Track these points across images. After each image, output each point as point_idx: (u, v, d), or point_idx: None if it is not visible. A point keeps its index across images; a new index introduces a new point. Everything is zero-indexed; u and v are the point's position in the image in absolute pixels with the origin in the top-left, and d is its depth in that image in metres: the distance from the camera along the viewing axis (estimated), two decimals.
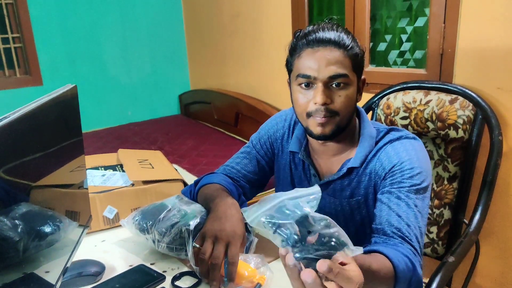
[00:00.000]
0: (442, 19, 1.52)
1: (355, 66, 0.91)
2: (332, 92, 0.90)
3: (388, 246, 0.81)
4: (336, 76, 0.89)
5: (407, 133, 0.97)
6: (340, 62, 0.89)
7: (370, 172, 0.96)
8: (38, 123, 0.66)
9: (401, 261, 0.76)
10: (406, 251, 0.80)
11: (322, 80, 0.89)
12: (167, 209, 1.00)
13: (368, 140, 0.97)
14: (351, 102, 0.92)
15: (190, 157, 2.40)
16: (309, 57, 0.90)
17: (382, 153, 0.94)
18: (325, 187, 1.02)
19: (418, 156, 0.91)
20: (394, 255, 0.76)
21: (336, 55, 0.89)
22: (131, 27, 3.19)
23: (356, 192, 0.99)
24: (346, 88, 0.91)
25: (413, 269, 0.77)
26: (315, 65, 0.89)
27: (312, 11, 2.19)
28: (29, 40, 2.80)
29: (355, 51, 0.91)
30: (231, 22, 2.79)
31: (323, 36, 0.90)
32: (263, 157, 1.15)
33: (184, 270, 0.94)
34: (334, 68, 0.88)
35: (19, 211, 0.62)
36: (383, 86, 1.59)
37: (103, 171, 1.31)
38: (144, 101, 3.35)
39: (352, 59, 0.90)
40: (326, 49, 0.89)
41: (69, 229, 0.82)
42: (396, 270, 0.74)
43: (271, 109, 2.47)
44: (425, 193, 0.89)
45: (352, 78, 0.91)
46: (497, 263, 1.52)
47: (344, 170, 0.98)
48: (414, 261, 0.79)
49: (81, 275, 0.90)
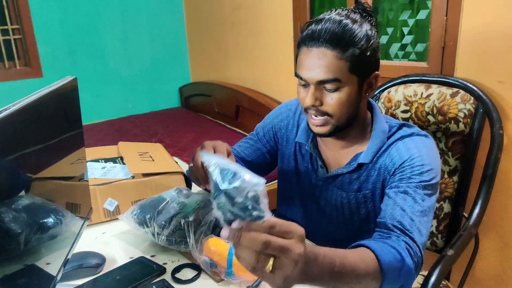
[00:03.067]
0: (444, 12, 1.51)
1: (354, 68, 0.86)
2: (323, 94, 0.89)
3: (378, 240, 0.79)
4: (325, 81, 0.87)
5: (419, 130, 0.96)
6: (331, 66, 0.85)
7: (379, 167, 0.95)
8: (38, 115, 0.66)
9: (386, 253, 0.74)
10: (395, 243, 0.78)
11: (313, 83, 0.88)
12: (165, 202, 1.00)
13: (380, 136, 0.96)
14: (345, 104, 0.89)
15: (191, 149, 2.40)
16: (304, 58, 0.89)
17: (392, 149, 0.94)
18: (333, 179, 1.02)
19: (429, 153, 0.91)
20: (379, 247, 0.74)
21: (327, 59, 0.85)
22: (132, 19, 3.17)
23: (364, 186, 0.98)
24: (339, 91, 0.88)
25: (401, 260, 0.74)
26: (307, 67, 0.88)
27: (314, 3, 2.17)
28: (28, 32, 2.79)
29: (356, 53, 0.85)
30: (232, 14, 2.77)
31: (318, 33, 0.85)
32: (264, 145, 1.16)
33: (184, 262, 0.95)
34: (323, 73, 0.86)
35: (20, 203, 0.62)
36: (384, 79, 1.58)
37: (103, 163, 1.31)
38: (144, 94, 3.35)
39: (349, 60, 0.85)
40: (318, 51, 0.85)
41: (70, 222, 0.83)
42: (380, 262, 0.72)
43: (272, 102, 2.47)
44: (433, 190, 0.88)
45: (347, 81, 0.87)
46: (496, 257, 1.53)
47: (354, 165, 0.97)
48: (402, 252, 0.76)
49: (82, 267, 0.90)
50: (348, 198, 1.01)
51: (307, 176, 1.08)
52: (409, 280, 0.77)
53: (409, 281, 0.78)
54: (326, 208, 1.06)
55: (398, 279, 0.75)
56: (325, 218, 1.08)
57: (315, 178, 1.06)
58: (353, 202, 1.01)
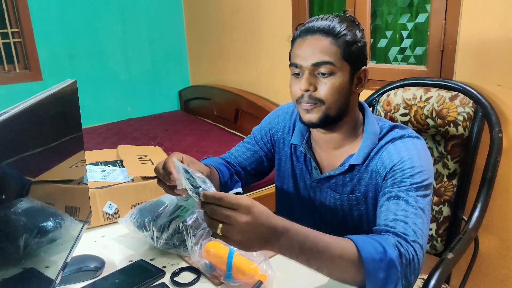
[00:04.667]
0: (443, 16, 1.51)
1: (346, 54, 0.91)
2: (317, 80, 0.92)
3: (362, 235, 0.79)
4: (320, 63, 0.90)
5: (410, 132, 0.97)
6: (326, 49, 0.90)
7: (371, 170, 0.96)
8: (37, 119, 0.66)
9: (366, 243, 0.74)
10: (381, 238, 0.78)
11: (307, 67, 0.91)
12: (164, 206, 1.00)
13: (372, 138, 0.97)
14: (338, 91, 0.92)
15: (190, 153, 2.40)
16: (298, 46, 0.93)
17: (384, 152, 0.94)
18: (327, 181, 1.03)
19: (420, 155, 0.91)
20: (360, 239, 0.75)
21: (322, 43, 0.90)
22: (131, 23, 3.18)
23: (357, 189, 0.99)
24: (332, 76, 0.91)
25: (383, 252, 0.74)
26: (302, 53, 0.92)
27: (313, 6, 2.18)
28: (28, 35, 2.79)
29: (347, 38, 0.90)
30: (231, 18, 2.78)
31: (312, 26, 0.92)
32: (261, 148, 1.18)
33: (184, 266, 0.94)
34: (318, 55, 0.90)
35: (19, 207, 0.62)
36: (384, 82, 1.59)
37: (103, 166, 1.31)
38: (144, 97, 3.35)
39: (341, 47, 0.90)
40: (313, 38, 0.91)
41: (69, 225, 0.82)
42: (360, 251, 0.73)
43: (271, 105, 2.47)
44: (426, 191, 0.88)
45: (340, 66, 0.91)
46: (496, 260, 1.52)
47: (346, 166, 0.98)
48: (385, 244, 0.75)
49: (81, 270, 0.90)
50: (341, 200, 1.02)
51: (302, 177, 1.09)
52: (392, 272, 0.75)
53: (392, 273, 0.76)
54: (321, 209, 1.07)
55: (380, 270, 0.74)
56: (321, 219, 1.08)
57: (310, 180, 1.07)
58: (346, 204, 1.02)
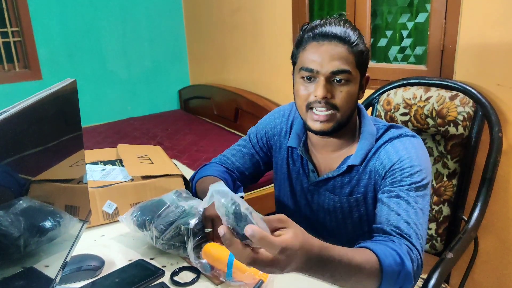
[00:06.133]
0: (443, 15, 1.51)
1: (359, 63, 0.91)
2: (333, 87, 0.91)
3: (378, 243, 0.79)
4: (339, 71, 0.89)
5: (407, 131, 0.97)
6: (344, 58, 0.89)
7: (370, 170, 0.96)
8: (37, 118, 0.66)
9: (387, 256, 0.74)
10: (397, 246, 0.78)
11: (325, 74, 0.89)
12: (166, 206, 1.00)
13: (369, 138, 0.97)
14: (352, 99, 0.92)
15: (190, 152, 2.40)
16: (314, 51, 0.91)
17: (382, 151, 0.94)
18: (325, 183, 1.02)
19: (418, 154, 0.91)
20: (381, 250, 0.75)
21: (340, 51, 0.89)
22: (131, 22, 3.18)
23: (356, 190, 0.99)
24: (348, 84, 0.91)
25: (401, 263, 0.75)
26: (319, 59, 0.90)
27: (313, 6, 2.18)
28: (28, 34, 2.79)
29: (360, 48, 0.91)
30: (231, 17, 2.78)
31: (329, 31, 0.90)
32: (258, 152, 1.17)
33: (183, 265, 0.94)
34: (337, 63, 0.89)
35: (19, 206, 0.62)
36: (384, 82, 1.59)
37: (102, 166, 1.31)
38: (143, 96, 3.35)
39: (356, 56, 0.90)
40: (331, 44, 0.89)
41: (68, 224, 0.82)
42: (381, 264, 0.73)
43: (271, 104, 2.47)
44: (425, 190, 0.89)
45: (355, 75, 0.91)
46: (495, 260, 1.52)
47: (344, 168, 0.98)
48: (403, 255, 0.76)
49: (81, 269, 0.90)
50: (341, 202, 1.01)
51: (299, 180, 1.08)
52: (406, 284, 0.77)
53: (407, 284, 0.78)
54: (319, 212, 1.07)
55: (396, 282, 0.75)
56: (318, 222, 1.08)
57: (307, 183, 1.06)
58: (345, 206, 1.01)
